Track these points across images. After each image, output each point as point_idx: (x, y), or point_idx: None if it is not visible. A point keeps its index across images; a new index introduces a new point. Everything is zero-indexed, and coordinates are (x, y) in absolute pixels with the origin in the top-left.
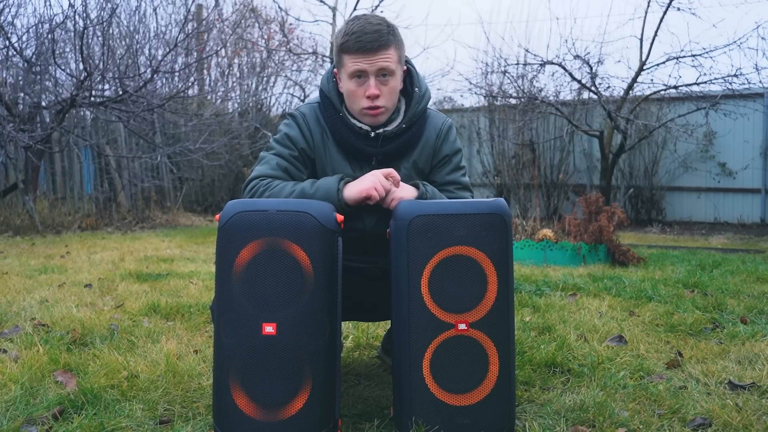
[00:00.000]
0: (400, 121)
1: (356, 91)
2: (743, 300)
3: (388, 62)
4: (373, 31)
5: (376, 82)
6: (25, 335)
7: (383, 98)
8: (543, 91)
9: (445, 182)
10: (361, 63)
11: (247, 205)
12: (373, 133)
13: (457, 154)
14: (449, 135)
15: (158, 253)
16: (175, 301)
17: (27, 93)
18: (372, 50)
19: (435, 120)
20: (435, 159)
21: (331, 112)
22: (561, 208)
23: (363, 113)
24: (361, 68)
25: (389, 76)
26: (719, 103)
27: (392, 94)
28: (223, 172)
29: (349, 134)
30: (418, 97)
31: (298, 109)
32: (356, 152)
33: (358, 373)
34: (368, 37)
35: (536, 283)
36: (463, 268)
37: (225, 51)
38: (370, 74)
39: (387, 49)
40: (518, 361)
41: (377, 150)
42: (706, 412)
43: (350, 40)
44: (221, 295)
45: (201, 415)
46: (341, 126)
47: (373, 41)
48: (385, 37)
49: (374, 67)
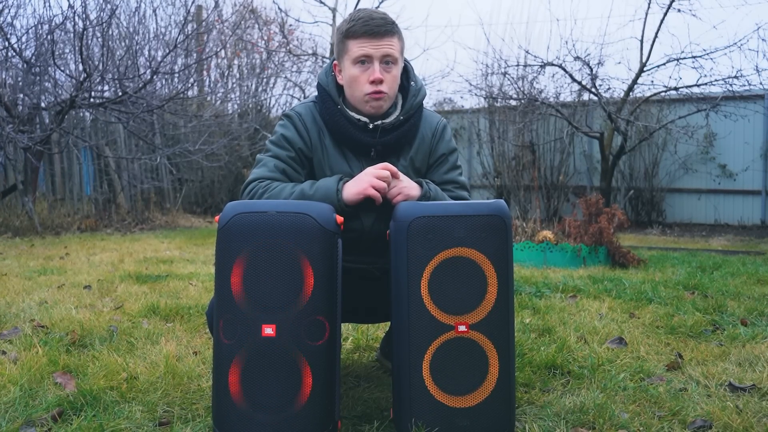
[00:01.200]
0: (398, 113)
1: (360, 77)
2: (744, 302)
3: (393, 49)
4: (380, 17)
5: (381, 68)
6: (24, 336)
7: (386, 84)
8: (543, 92)
9: (444, 181)
10: (367, 47)
11: (246, 207)
12: (371, 125)
13: (453, 153)
14: (444, 134)
15: (158, 255)
16: (174, 302)
17: (26, 94)
18: (379, 35)
19: (430, 119)
20: (431, 158)
21: (330, 104)
22: (561, 210)
23: (365, 99)
24: (366, 53)
25: (392, 64)
26: (719, 104)
27: (394, 82)
28: (222, 173)
29: (348, 126)
30: (414, 90)
31: (293, 109)
32: (355, 144)
33: (357, 374)
34: (375, 21)
35: (536, 285)
36: (463, 270)
37: (225, 52)
38: (375, 59)
39: (392, 36)
40: (518, 363)
41: (376, 141)
42: (707, 414)
43: (357, 25)
44: (221, 296)
45: (200, 416)
46: (340, 118)
47: (381, 26)
48: (390, 25)
49: (380, 52)
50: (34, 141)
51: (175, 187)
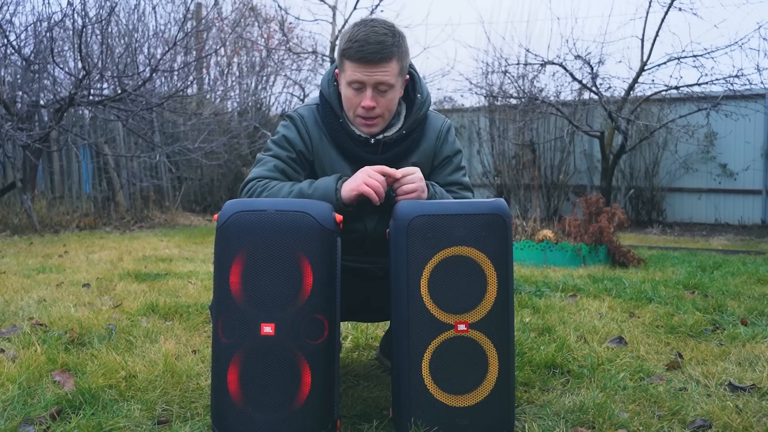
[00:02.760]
0: (400, 126)
1: (352, 100)
2: (744, 301)
3: (387, 76)
4: (377, 41)
5: (373, 94)
6: (22, 335)
7: (380, 108)
8: (544, 91)
9: (448, 183)
10: (360, 74)
11: (245, 205)
12: (372, 140)
13: (457, 154)
14: (449, 136)
15: (157, 253)
16: (173, 301)
17: (25, 91)
18: (372, 62)
19: (434, 122)
20: (436, 160)
21: (331, 118)
22: (561, 209)
23: (358, 122)
24: (359, 79)
25: (387, 90)
26: (720, 103)
27: (390, 104)
28: (222, 171)
29: (349, 141)
30: (420, 103)
31: (296, 111)
32: (356, 159)
33: (357, 373)
34: (371, 48)
35: (536, 284)
36: (463, 269)
37: (224, 50)
38: (368, 86)
39: (388, 62)
40: (518, 362)
41: (377, 157)
42: (706, 413)
43: (352, 48)
44: (220, 295)
45: (199, 415)
46: (341, 133)
47: (375, 53)
48: (387, 50)
49: (372, 79)
50: (32, 139)
51: (175, 185)
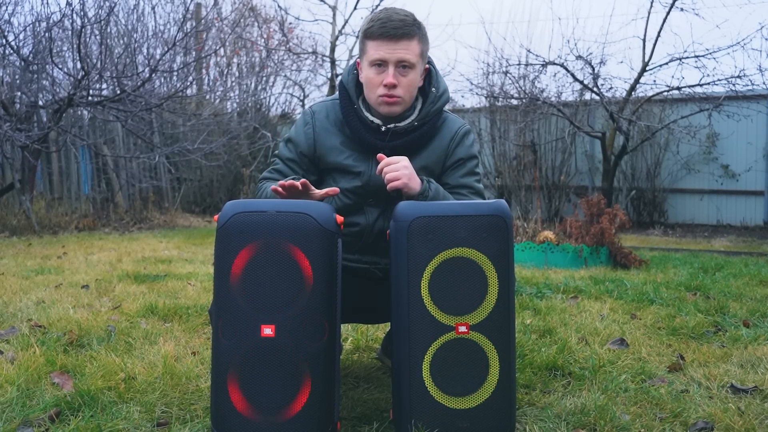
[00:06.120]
0: (413, 118)
1: (374, 79)
2: (746, 303)
3: (409, 54)
4: (399, 19)
5: (395, 73)
6: (21, 336)
7: (401, 89)
8: (545, 91)
9: (458, 185)
10: (382, 51)
11: (245, 206)
12: (383, 128)
13: (472, 159)
14: (465, 139)
15: (156, 254)
16: (172, 302)
17: (24, 92)
18: (395, 38)
19: (452, 124)
20: (448, 161)
21: (347, 103)
22: (562, 210)
23: (379, 101)
24: (381, 56)
25: (409, 69)
26: (722, 104)
27: (410, 86)
28: (221, 172)
29: (360, 126)
30: (434, 97)
31: (310, 107)
32: (365, 145)
33: (357, 375)
34: (393, 23)
35: (537, 286)
36: (464, 270)
37: (224, 50)
38: (390, 64)
39: (410, 39)
40: (519, 364)
41: (385, 144)
42: (708, 415)
43: (375, 26)
44: (220, 296)
45: (199, 417)
46: (353, 118)
47: (397, 29)
48: (409, 27)
49: (394, 56)
50: (31, 139)
51: (174, 186)
